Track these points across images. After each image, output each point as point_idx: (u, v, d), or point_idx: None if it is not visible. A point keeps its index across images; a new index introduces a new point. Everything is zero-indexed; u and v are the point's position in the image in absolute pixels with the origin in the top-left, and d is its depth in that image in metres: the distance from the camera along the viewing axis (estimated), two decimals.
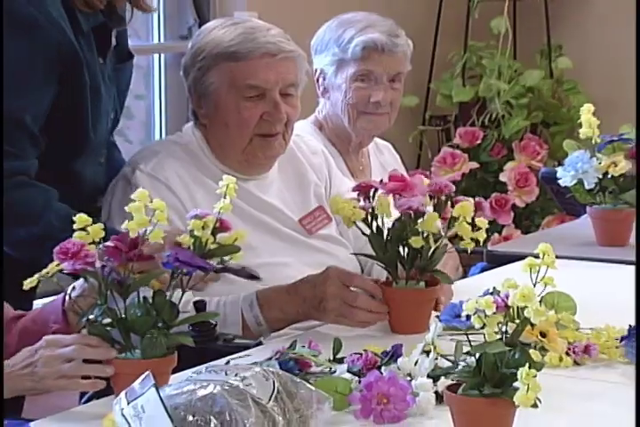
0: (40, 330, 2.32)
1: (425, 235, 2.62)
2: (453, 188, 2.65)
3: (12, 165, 2.74)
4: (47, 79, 2.79)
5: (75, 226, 2.25)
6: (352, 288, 2.67)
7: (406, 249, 2.65)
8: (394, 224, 2.67)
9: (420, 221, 2.61)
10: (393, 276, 2.69)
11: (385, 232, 2.69)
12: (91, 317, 2.26)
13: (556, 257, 2.04)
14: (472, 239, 2.62)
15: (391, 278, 2.70)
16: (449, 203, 2.65)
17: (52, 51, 2.77)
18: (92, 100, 2.85)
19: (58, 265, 2.25)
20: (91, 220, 2.26)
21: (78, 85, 2.82)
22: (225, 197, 2.31)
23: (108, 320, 2.25)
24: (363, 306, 2.65)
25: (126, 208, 2.26)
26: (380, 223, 2.69)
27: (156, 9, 2.98)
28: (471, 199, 2.66)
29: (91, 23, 2.86)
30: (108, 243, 2.24)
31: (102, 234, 2.25)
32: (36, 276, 2.30)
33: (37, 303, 3.02)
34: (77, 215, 2.27)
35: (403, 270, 2.68)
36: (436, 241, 2.65)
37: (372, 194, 2.70)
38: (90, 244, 2.23)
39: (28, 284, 2.30)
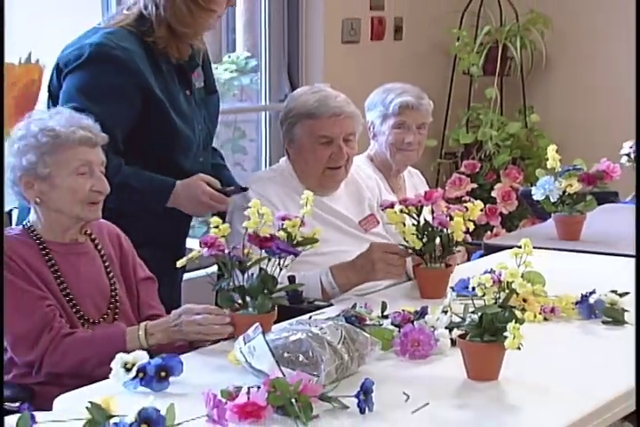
0: None
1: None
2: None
3: None
4: (131, 104, 2.72)
5: (211, 225, 2.26)
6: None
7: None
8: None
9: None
10: (424, 260, 2.66)
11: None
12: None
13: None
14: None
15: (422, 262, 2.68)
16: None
17: (134, 83, 2.71)
18: (175, 115, 2.78)
19: (199, 252, 2.27)
20: (221, 221, 2.27)
21: (159, 105, 2.74)
22: (306, 205, 2.32)
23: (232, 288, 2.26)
24: (400, 263, 2.66)
25: (245, 213, 2.28)
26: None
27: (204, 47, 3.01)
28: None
29: (170, 65, 2.80)
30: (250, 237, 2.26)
31: (229, 230, 2.25)
32: (185, 258, 2.31)
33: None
34: (213, 219, 2.28)
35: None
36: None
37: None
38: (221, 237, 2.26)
39: (180, 263, 2.31)
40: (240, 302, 2.26)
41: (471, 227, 2.64)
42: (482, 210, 5.07)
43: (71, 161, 2.27)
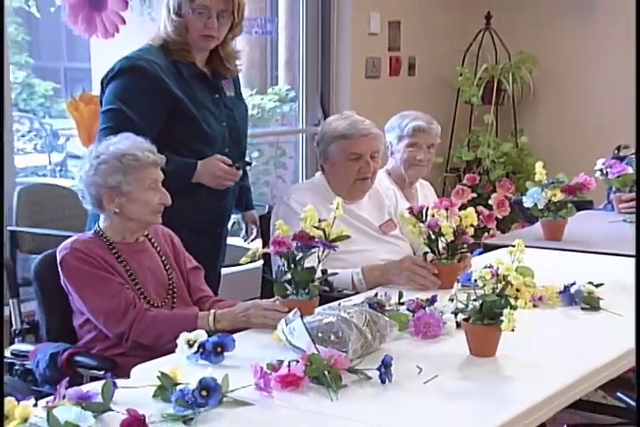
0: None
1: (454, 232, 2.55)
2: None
3: None
4: (157, 104, 2.70)
5: (277, 230, 2.25)
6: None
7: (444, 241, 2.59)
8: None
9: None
10: (436, 256, 2.60)
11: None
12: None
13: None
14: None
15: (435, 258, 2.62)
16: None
17: (158, 87, 2.69)
18: (199, 111, 2.74)
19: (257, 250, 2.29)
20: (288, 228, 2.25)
21: (180, 103, 2.71)
22: (337, 209, 2.30)
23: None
24: (424, 275, 2.58)
25: (300, 216, 2.28)
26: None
27: (238, 71, 2.93)
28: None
29: (191, 72, 2.77)
30: (298, 234, 2.23)
31: (291, 233, 2.24)
32: (249, 253, 2.29)
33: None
34: (277, 222, 2.27)
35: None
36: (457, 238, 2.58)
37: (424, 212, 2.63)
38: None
39: (243, 261, 2.31)
40: (292, 290, 2.23)
41: (471, 231, 2.58)
42: (480, 215, 5.12)
43: (145, 179, 2.30)
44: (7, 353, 2.42)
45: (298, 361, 1.80)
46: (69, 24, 4.00)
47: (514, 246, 2.00)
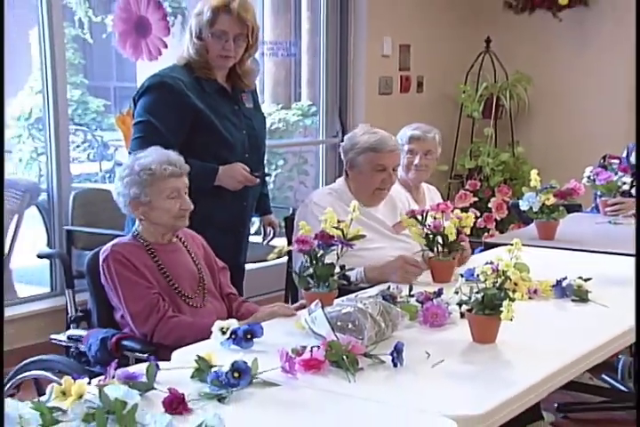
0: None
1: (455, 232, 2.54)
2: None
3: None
4: (181, 116, 2.67)
5: (300, 231, 2.23)
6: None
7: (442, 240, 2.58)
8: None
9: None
10: (435, 254, 2.59)
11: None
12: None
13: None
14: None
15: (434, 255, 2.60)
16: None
17: (182, 101, 2.66)
18: (220, 121, 2.71)
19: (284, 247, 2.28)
20: (310, 228, 2.24)
21: (202, 115, 2.67)
22: (354, 211, 2.29)
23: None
24: (415, 273, 2.56)
25: (320, 218, 2.27)
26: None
27: (254, 86, 2.91)
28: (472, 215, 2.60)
29: (212, 87, 2.75)
30: (319, 233, 2.22)
31: (313, 233, 2.22)
32: (276, 251, 2.28)
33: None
34: (300, 223, 2.26)
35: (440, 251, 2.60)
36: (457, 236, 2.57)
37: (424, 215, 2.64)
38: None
39: (270, 258, 2.29)
40: (314, 283, 2.22)
41: (467, 231, 2.56)
42: (481, 217, 5.10)
43: (164, 190, 2.28)
44: (64, 337, 2.44)
45: (319, 347, 1.80)
46: (119, 48, 4.02)
47: (512, 245, 1.99)
